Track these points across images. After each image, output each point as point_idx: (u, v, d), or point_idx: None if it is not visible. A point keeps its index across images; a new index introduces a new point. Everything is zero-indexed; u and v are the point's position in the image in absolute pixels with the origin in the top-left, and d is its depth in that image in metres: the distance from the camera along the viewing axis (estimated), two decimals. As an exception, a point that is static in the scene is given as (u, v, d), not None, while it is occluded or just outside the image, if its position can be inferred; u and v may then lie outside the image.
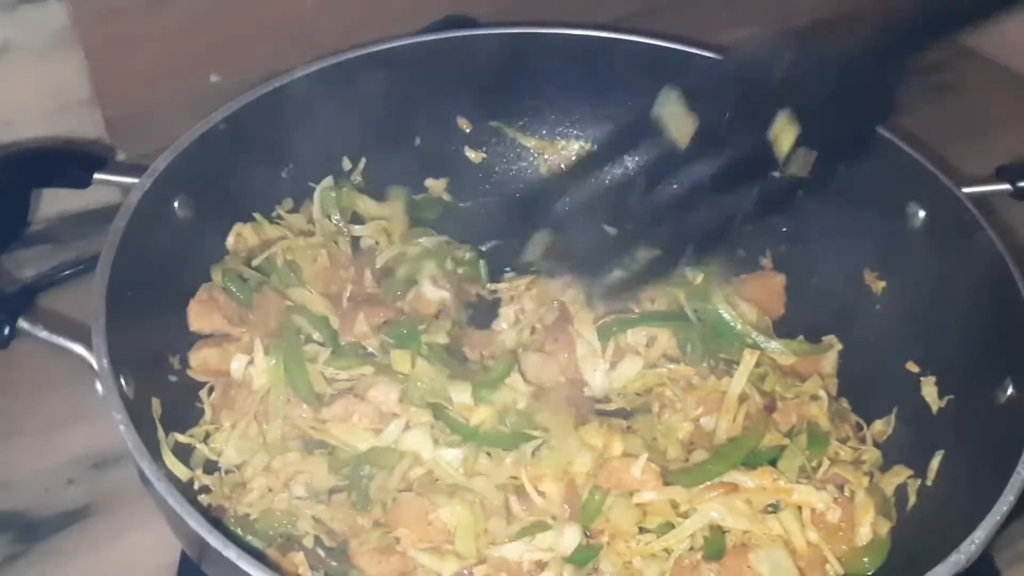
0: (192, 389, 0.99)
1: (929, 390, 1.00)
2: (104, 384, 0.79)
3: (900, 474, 0.97)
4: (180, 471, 0.89)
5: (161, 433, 0.88)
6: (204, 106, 1.03)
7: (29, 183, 0.98)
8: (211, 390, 1.00)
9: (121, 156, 1.27)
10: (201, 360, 1.00)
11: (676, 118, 0.87)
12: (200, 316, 1.01)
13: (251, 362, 0.98)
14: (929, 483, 0.94)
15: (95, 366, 0.82)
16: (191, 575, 0.94)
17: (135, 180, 0.97)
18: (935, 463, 0.94)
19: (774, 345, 1.09)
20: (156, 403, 0.91)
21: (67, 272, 1.17)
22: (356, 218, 1.18)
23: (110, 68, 1.19)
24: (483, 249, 1.18)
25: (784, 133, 0.86)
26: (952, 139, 1.33)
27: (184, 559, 0.95)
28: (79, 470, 1.04)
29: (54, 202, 1.20)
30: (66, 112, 1.21)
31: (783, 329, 1.13)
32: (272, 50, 1.15)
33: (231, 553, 0.70)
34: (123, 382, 0.83)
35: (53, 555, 0.97)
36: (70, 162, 0.98)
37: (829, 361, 1.08)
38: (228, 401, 0.97)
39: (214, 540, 0.71)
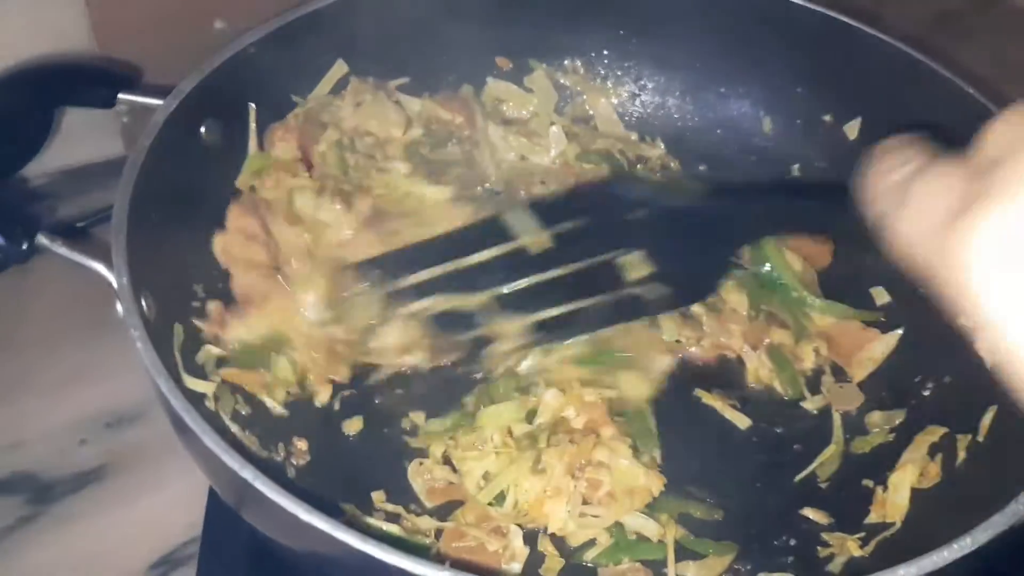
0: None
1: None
2: (124, 302, 0.76)
3: (934, 432, 0.93)
4: (202, 386, 0.86)
5: (178, 356, 0.85)
6: (208, 53, 0.98)
7: (54, 99, 0.95)
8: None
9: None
10: (224, 245, 0.97)
11: (527, 229, 0.91)
12: (239, 215, 0.98)
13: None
14: (980, 439, 0.89)
15: (115, 284, 0.79)
16: (216, 535, 0.92)
17: (161, 101, 0.93)
18: (987, 419, 0.89)
19: (818, 303, 1.04)
20: (179, 329, 0.88)
21: (77, 225, 1.12)
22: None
23: (110, 13, 1.13)
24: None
25: (635, 268, 0.89)
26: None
27: (209, 519, 0.93)
28: (93, 429, 1.01)
29: (55, 156, 1.14)
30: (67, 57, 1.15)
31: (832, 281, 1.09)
32: None
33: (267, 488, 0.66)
34: (143, 303, 0.80)
35: (68, 518, 0.95)
36: (96, 80, 0.95)
37: (883, 346, 1.02)
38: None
39: (250, 475, 0.67)
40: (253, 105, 1.03)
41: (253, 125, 1.03)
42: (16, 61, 1.07)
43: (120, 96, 0.95)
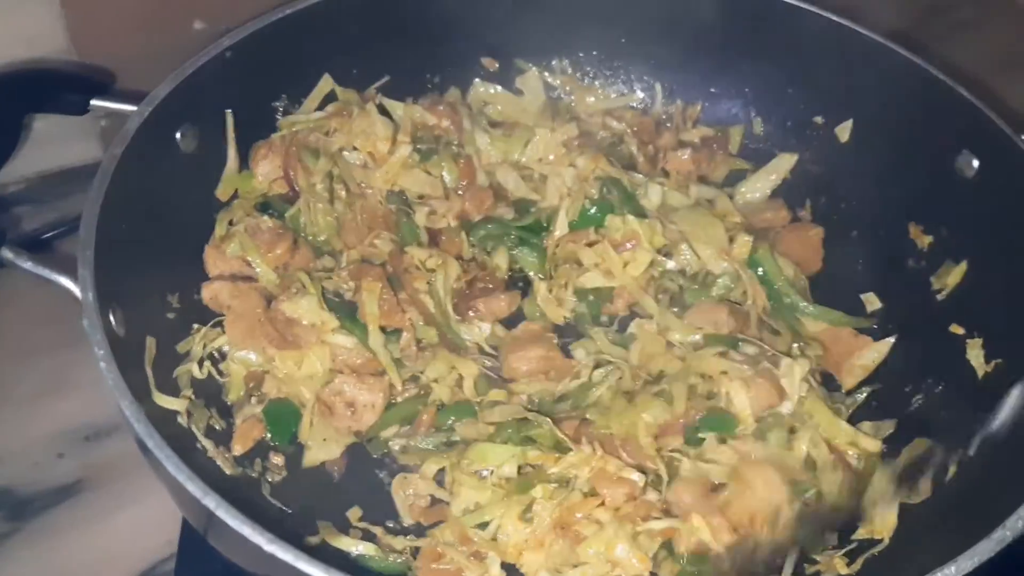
0: (186, 327, 0.94)
1: (975, 353, 0.93)
2: (89, 318, 0.74)
3: (920, 445, 0.90)
4: (173, 403, 0.85)
5: (149, 371, 0.84)
6: (188, 56, 0.95)
7: (24, 106, 0.93)
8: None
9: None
10: (212, 294, 0.95)
11: None
12: (216, 262, 0.97)
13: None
14: (972, 453, 0.87)
15: (80, 299, 0.77)
16: (192, 551, 0.91)
17: (135, 107, 0.91)
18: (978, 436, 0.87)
19: (810, 308, 1.03)
20: (151, 342, 0.86)
21: (49, 235, 1.10)
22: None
23: (86, 15, 1.09)
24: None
25: None
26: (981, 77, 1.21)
27: (185, 535, 0.91)
28: (70, 443, 0.99)
29: (33, 161, 1.12)
30: (41, 63, 1.10)
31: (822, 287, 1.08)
32: None
33: (231, 519, 0.65)
34: (112, 318, 0.79)
35: (46, 533, 0.93)
36: (68, 86, 0.93)
37: (875, 353, 1.00)
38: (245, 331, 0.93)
39: (213, 503, 0.66)
40: (229, 111, 1.00)
41: (231, 133, 1.01)
42: None
43: (93, 102, 0.93)
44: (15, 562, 0.91)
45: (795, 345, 0.99)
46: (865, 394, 0.98)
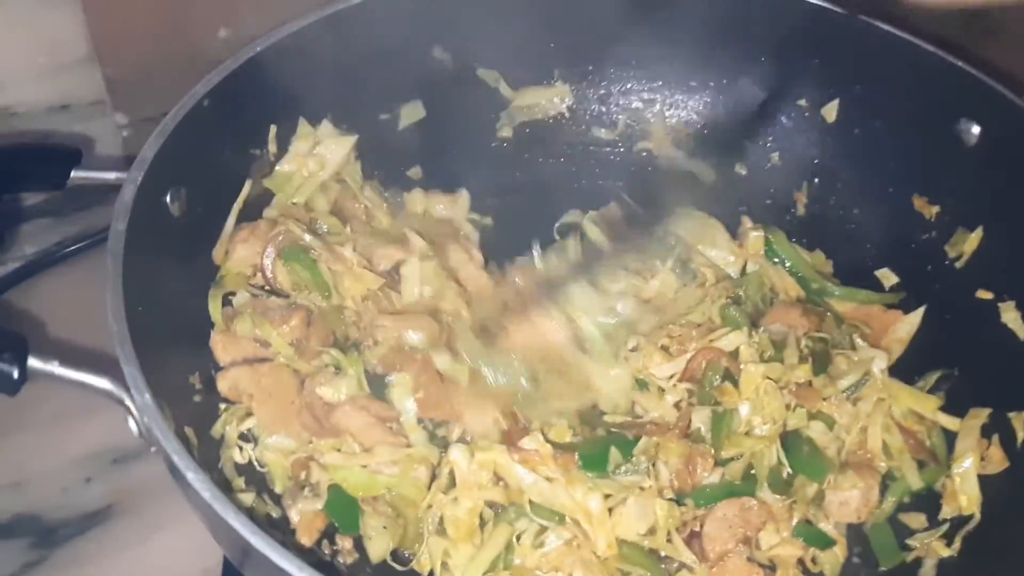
0: (214, 408, 0.88)
1: (1011, 316, 0.95)
2: (152, 421, 0.66)
3: (979, 415, 0.92)
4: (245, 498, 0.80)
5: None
6: (212, 63, 0.91)
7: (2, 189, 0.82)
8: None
9: (121, 119, 1.16)
10: (231, 383, 0.87)
11: None
12: (227, 347, 0.89)
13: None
14: (1036, 414, 0.88)
15: (128, 402, 0.69)
16: None
17: (120, 175, 0.83)
18: (1042, 395, 0.89)
19: (838, 291, 1.04)
20: (190, 432, 0.78)
21: (70, 249, 1.09)
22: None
23: (109, 23, 1.09)
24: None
25: None
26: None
27: (228, 565, 0.86)
28: (98, 466, 0.95)
29: None
30: (63, 71, 1.11)
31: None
32: (285, 2, 1.03)
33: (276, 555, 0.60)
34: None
35: (74, 562, 0.89)
36: (44, 161, 0.84)
37: (908, 325, 1.01)
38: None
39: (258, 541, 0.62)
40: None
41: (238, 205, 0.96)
42: (11, 73, 1.05)
43: (73, 174, 0.83)
44: None
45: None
46: (937, 376, 0.98)
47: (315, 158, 1.02)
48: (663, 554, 0.85)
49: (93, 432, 0.96)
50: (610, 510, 0.84)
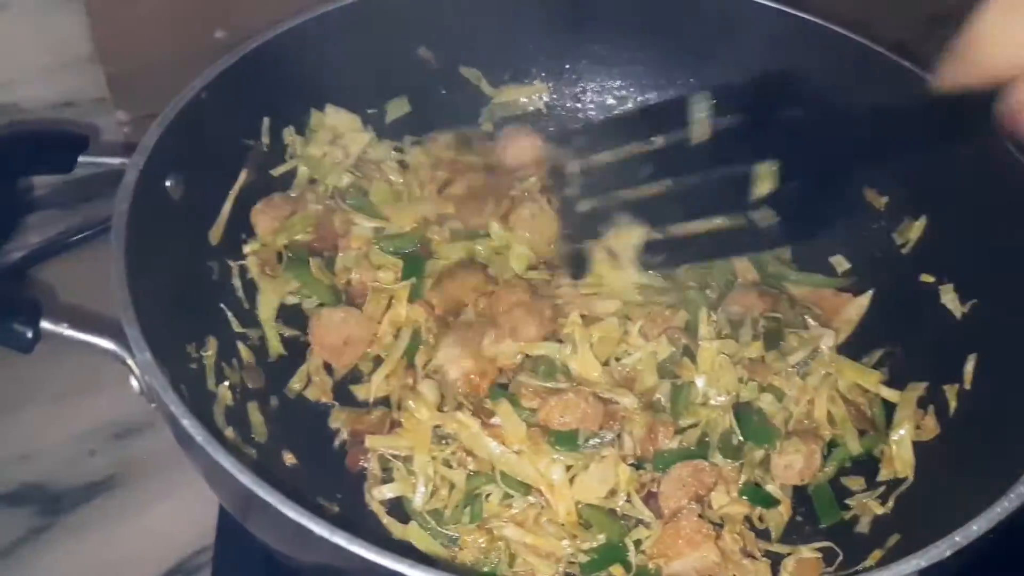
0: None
1: (949, 297, 1.01)
2: (151, 379, 0.73)
3: (917, 388, 0.99)
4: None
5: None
6: (210, 62, 0.98)
7: (11, 173, 0.90)
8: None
9: (123, 116, 1.22)
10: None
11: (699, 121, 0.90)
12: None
13: None
14: (968, 386, 0.95)
15: (130, 362, 0.76)
16: (229, 545, 0.93)
17: (124, 160, 0.90)
18: (969, 367, 0.96)
19: (793, 275, 1.11)
20: (184, 390, 0.84)
21: (76, 238, 1.15)
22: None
23: (112, 23, 1.14)
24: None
25: (763, 178, 0.88)
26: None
27: (222, 527, 0.93)
28: (101, 440, 1.01)
29: None
30: (67, 70, 1.16)
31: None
32: (281, 4, 1.09)
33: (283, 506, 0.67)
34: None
35: (78, 528, 0.95)
36: (52, 145, 0.91)
37: (857, 307, 1.08)
38: None
39: (268, 495, 0.67)
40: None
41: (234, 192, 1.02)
42: (18, 71, 1.09)
43: (80, 159, 0.90)
44: (49, 556, 0.93)
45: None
46: (880, 354, 1.05)
47: (339, 147, 1.10)
48: (621, 512, 0.92)
49: (97, 407, 1.02)
50: (572, 477, 0.91)
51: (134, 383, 0.78)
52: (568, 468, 0.90)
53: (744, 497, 0.93)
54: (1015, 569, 0.89)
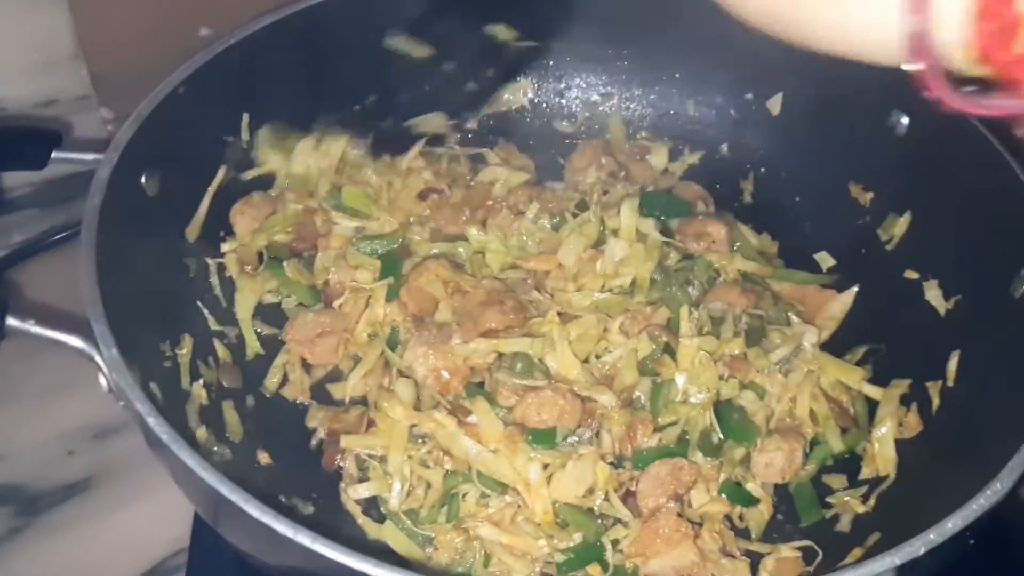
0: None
1: (933, 293, 1.00)
2: (118, 375, 0.72)
3: (900, 385, 0.98)
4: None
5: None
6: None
7: (-12, 168, 0.89)
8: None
9: (107, 114, 1.21)
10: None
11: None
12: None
13: None
14: (951, 384, 0.94)
15: (98, 359, 0.75)
16: (204, 547, 0.92)
17: (97, 156, 0.89)
18: (952, 364, 0.95)
19: (777, 271, 1.10)
20: (155, 388, 0.84)
21: (56, 237, 1.15)
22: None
23: (95, 21, 1.13)
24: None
25: None
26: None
27: (196, 528, 0.92)
28: (79, 440, 1.01)
29: None
30: (50, 68, 1.15)
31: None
32: (265, 2, 1.08)
33: (248, 505, 0.66)
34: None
35: (55, 529, 0.94)
36: (25, 141, 0.90)
37: (841, 304, 1.07)
38: None
39: (232, 494, 0.67)
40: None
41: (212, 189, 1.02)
42: (1, 69, 1.08)
43: (54, 155, 0.90)
44: (25, 557, 0.92)
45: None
46: (864, 350, 1.04)
47: (320, 154, 1.09)
48: (598, 511, 0.91)
49: (75, 409, 1.02)
50: (549, 476, 0.89)
51: (103, 381, 0.77)
52: (545, 467, 0.89)
53: (724, 495, 0.91)
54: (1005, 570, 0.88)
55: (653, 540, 0.86)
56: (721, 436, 0.94)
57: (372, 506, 0.92)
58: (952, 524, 0.67)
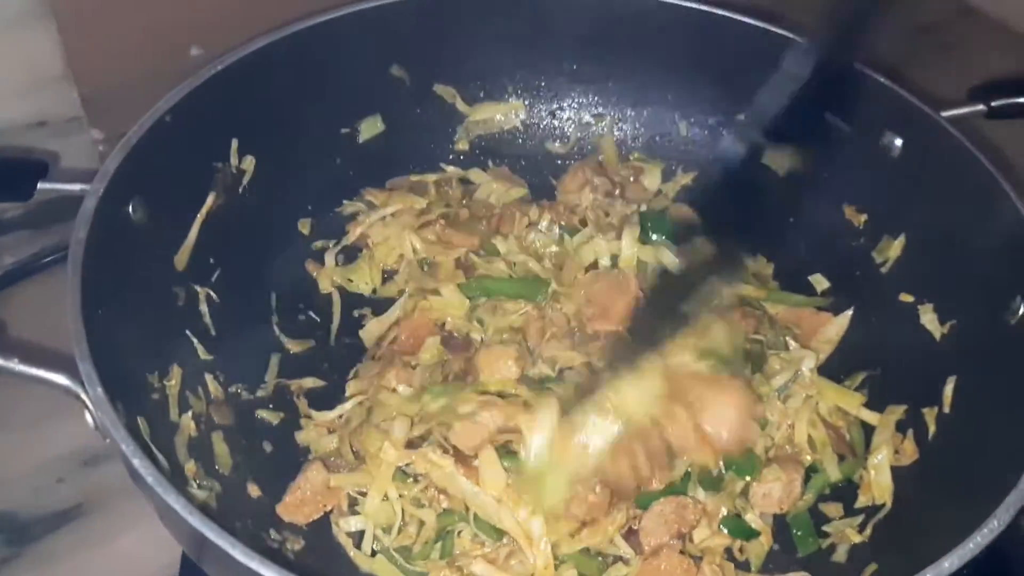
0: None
1: (929, 317, 1.00)
2: (104, 414, 0.72)
3: (895, 411, 0.97)
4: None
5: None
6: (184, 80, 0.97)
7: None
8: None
9: (98, 135, 1.20)
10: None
11: None
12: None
13: None
14: (947, 410, 0.93)
15: (84, 397, 0.74)
16: (195, 573, 0.89)
17: (84, 186, 0.88)
18: (948, 390, 0.94)
19: (771, 294, 1.09)
20: (143, 422, 0.83)
21: (48, 259, 1.14)
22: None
23: (84, 42, 1.12)
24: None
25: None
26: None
27: (187, 559, 0.91)
28: (69, 468, 1.00)
29: None
30: (39, 89, 1.14)
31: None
32: (256, 20, 1.07)
33: (233, 549, 0.65)
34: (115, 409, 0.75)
35: (46, 557, 0.93)
36: (10, 173, 0.89)
37: (836, 326, 1.06)
38: None
39: (218, 538, 0.66)
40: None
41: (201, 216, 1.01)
42: None
43: (40, 186, 0.89)
44: None
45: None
46: (862, 377, 1.03)
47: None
48: (596, 550, 0.89)
49: (64, 436, 1.00)
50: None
51: (89, 419, 0.76)
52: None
53: (725, 530, 0.90)
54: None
55: None
56: (722, 470, 0.92)
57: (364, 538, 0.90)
58: (949, 563, 0.67)
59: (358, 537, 0.90)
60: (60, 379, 0.76)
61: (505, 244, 1.08)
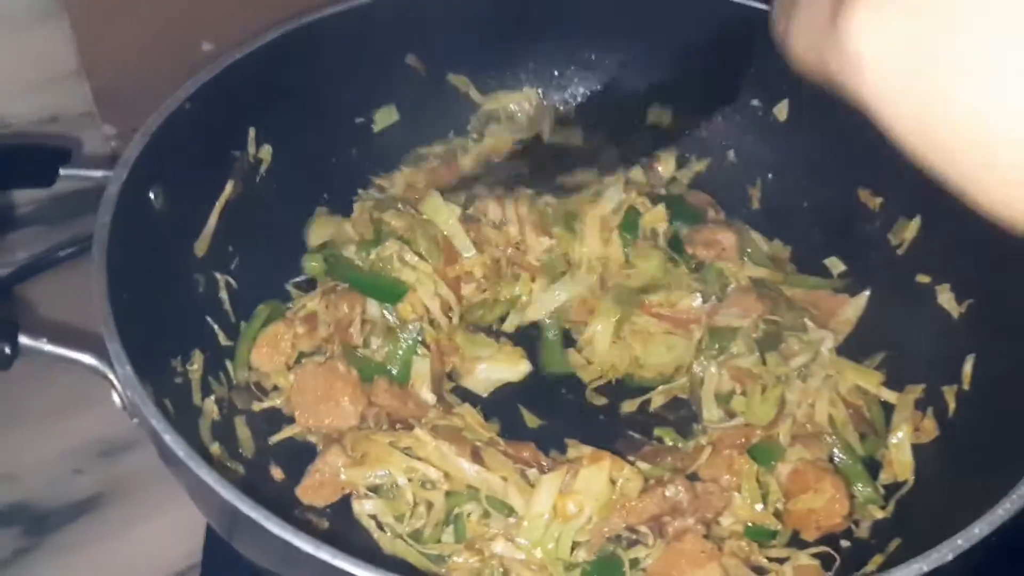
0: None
1: (946, 297, 1.00)
2: (133, 394, 0.72)
3: (914, 390, 0.97)
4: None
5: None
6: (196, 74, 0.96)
7: (-2, 185, 0.88)
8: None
9: (110, 130, 1.21)
10: None
11: None
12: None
13: None
14: (966, 388, 0.93)
15: (111, 376, 0.75)
16: (216, 563, 0.91)
17: (107, 172, 0.89)
18: (967, 367, 0.94)
19: (788, 277, 1.10)
20: (168, 404, 0.83)
21: (62, 254, 1.15)
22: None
23: (97, 37, 1.13)
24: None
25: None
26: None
27: (209, 547, 0.91)
28: (87, 458, 1.00)
29: None
30: (52, 85, 1.15)
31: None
32: (268, 15, 1.07)
33: (268, 522, 0.65)
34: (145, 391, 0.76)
35: (64, 548, 0.94)
36: (33, 159, 0.89)
37: (854, 307, 1.07)
38: None
39: (251, 510, 0.66)
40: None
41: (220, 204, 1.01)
42: (3, 86, 1.08)
43: (62, 172, 0.89)
44: None
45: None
46: (881, 358, 1.03)
47: None
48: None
49: (82, 426, 1.01)
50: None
51: (116, 399, 0.76)
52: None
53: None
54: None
55: (678, 561, 0.85)
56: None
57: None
58: (979, 529, 0.67)
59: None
60: (88, 359, 0.77)
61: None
